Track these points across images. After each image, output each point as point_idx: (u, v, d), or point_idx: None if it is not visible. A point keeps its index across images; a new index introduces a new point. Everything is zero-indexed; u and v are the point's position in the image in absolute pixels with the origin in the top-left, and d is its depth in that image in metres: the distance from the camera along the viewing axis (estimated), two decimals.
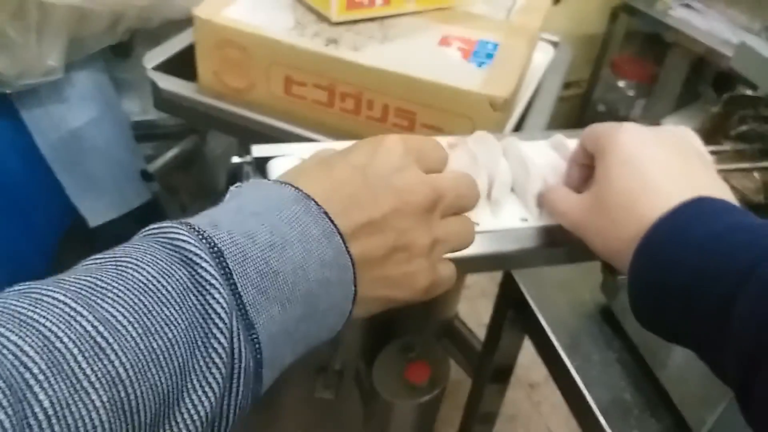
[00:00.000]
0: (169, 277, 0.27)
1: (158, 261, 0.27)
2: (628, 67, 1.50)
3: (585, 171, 0.43)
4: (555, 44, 0.92)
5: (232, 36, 0.69)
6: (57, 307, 0.24)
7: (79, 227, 1.03)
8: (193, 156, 1.16)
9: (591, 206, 0.39)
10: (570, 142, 0.47)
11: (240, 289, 0.28)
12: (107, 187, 1.04)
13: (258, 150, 0.47)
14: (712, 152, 0.53)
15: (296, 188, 0.33)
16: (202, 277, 0.27)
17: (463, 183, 0.39)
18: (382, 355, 0.92)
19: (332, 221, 0.32)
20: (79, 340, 0.23)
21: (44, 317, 0.23)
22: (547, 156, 0.46)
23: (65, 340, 0.23)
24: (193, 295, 0.27)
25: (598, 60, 1.54)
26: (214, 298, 0.27)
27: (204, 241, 0.28)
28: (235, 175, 0.53)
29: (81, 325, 0.23)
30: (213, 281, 0.27)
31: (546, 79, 0.85)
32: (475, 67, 0.68)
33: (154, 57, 0.77)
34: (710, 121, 0.57)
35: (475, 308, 1.67)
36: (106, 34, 0.93)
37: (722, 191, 0.37)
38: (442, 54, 0.70)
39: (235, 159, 0.47)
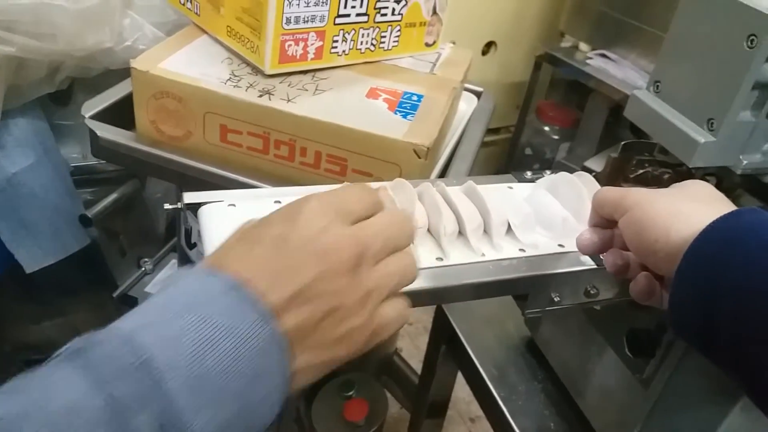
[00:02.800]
0: (86, 407, 0.27)
1: (74, 389, 0.28)
2: (552, 112, 1.60)
3: (603, 233, 0.48)
4: (478, 94, 0.98)
5: (169, 87, 0.72)
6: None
7: (16, 272, 1.02)
8: (132, 200, 1.17)
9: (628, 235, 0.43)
10: (480, 188, 0.52)
11: (173, 395, 0.28)
12: (44, 233, 1.03)
13: (189, 197, 0.50)
14: None
15: (227, 274, 0.33)
16: (122, 399, 0.27)
17: (392, 224, 0.38)
18: (320, 394, 0.94)
19: (264, 304, 0.32)
20: None
21: None
22: (460, 200, 0.51)
23: None
24: (116, 420, 0.27)
25: (524, 106, 1.63)
26: (136, 418, 0.27)
27: (132, 351, 0.29)
28: (174, 220, 0.55)
29: None
30: (134, 402, 0.27)
31: (469, 127, 0.91)
32: (400, 118, 0.73)
33: (92, 106, 0.79)
34: (611, 165, 0.63)
35: (418, 344, 1.70)
36: (45, 82, 0.94)
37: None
38: (370, 105, 0.74)
39: (167, 206, 0.50)
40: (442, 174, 0.80)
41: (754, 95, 0.50)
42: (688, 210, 0.39)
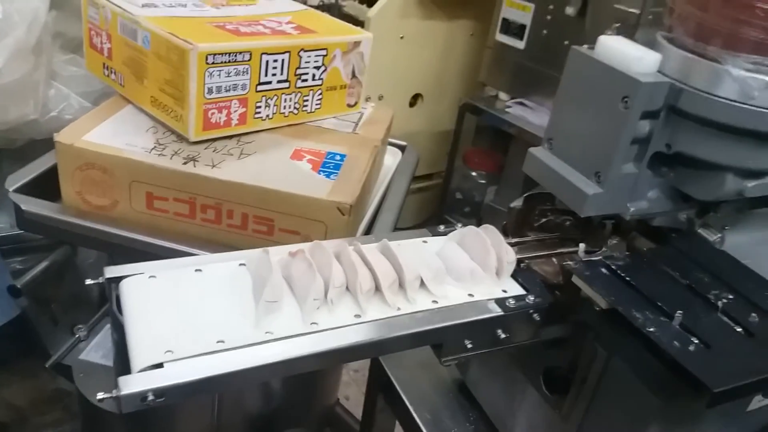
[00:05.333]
0: None
1: None
2: (478, 158, 1.67)
3: None
4: (402, 148, 1.03)
5: (95, 159, 0.73)
6: None
7: None
8: (63, 267, 1.16)
9: None
10: (393, 245, 0.56)
11: None
12: None
13: (110, 271, 0.51)
14: (518, 243, 0.63)
15: None
16: None
17: None
18: None
19: None
20: None
21: None
22: (375, 258, 0.54)
23: None
24: None
25: (451, 153, 1.70)
26: None
27: None
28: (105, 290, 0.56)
29: None
30: None
31: (394, 180, 0.95)
32: (324, 177, 0.76)
33: (16, 179, 0.79)
34: (515, 216, 0.67)
35: (365, 391, 1.70)
36: None
37: None
38: (295, 167, 0.77)
39: (89, 281, 0.51)
40: (369, 227, 0.83)
41: (634, 149, 0.56)
42: None
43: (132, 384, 0.43)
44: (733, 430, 0.59)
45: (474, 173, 1.67)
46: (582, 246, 0.58)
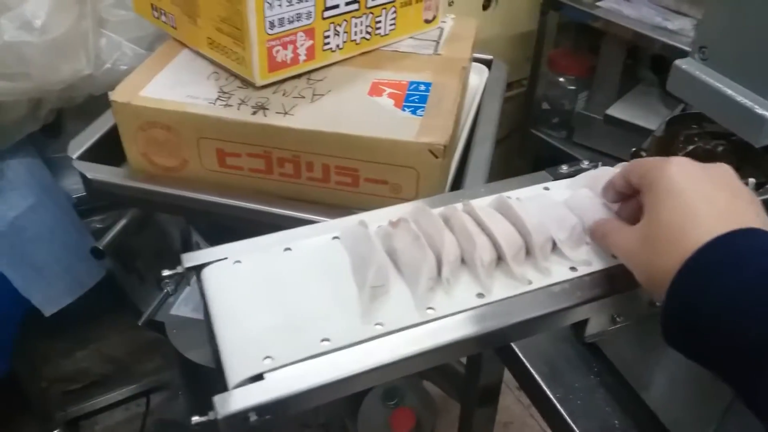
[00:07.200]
0: None
1: None
2: (565, 61, 1.49)
3: (621, 198, 0.45)
4: (488, 63, 0.90)
5: (154, 116, 0.66)
6: None
7: (38, 311, 0.99)
8: (143, 222, 1.12)
9: (640, 238, 0.40)
10: (514, 201, 0.46)
11: None
12: (56, 273, 0.99)
13: (189, 258, 0.44)
14: None
15: None
16: None
17: None
18: (364, 405, 0.89)
19: None
20: None
21: None
22: (493, 220, 0.44)
23: None
24: None
25: (535, 58, 1.53)
26: None
27: None
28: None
29: None
30: None
31: (484, 103, 0.83)
32: (409, 114, 0.66)
33: (78, 145, 0.73)
34: (656, 145, 0.55)
35: None
36: (28, 120, 0.89)
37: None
38: (374, 105, 0.67)
39: (166, 272, 0.45)
40: (462, 166, 0.73)
41: None
42: (697, 222, 0.37)
43: (230, 404, 0.36)
44: None
45: (561, 79, 1.49)
46: (751, 182, 0.46)
